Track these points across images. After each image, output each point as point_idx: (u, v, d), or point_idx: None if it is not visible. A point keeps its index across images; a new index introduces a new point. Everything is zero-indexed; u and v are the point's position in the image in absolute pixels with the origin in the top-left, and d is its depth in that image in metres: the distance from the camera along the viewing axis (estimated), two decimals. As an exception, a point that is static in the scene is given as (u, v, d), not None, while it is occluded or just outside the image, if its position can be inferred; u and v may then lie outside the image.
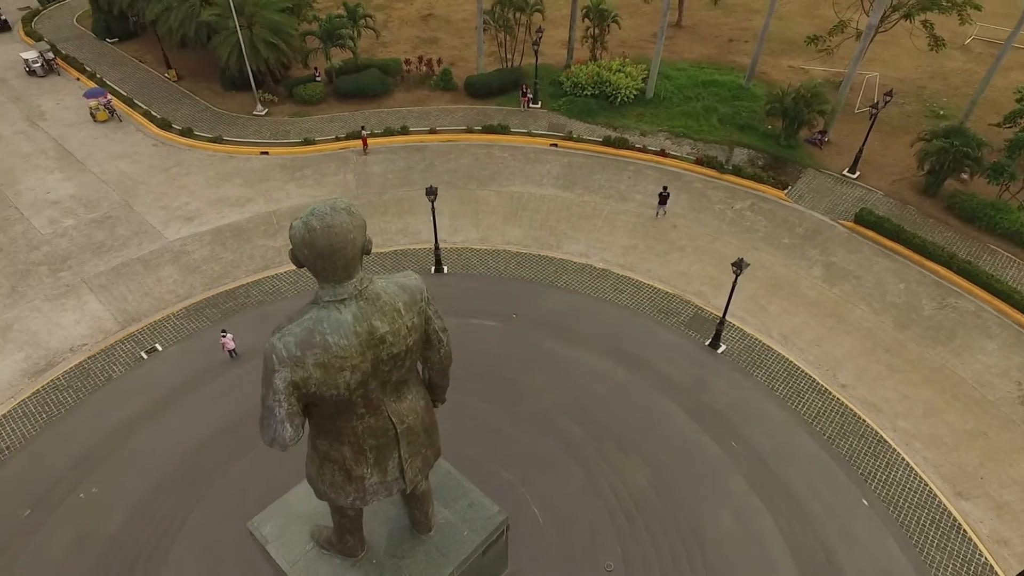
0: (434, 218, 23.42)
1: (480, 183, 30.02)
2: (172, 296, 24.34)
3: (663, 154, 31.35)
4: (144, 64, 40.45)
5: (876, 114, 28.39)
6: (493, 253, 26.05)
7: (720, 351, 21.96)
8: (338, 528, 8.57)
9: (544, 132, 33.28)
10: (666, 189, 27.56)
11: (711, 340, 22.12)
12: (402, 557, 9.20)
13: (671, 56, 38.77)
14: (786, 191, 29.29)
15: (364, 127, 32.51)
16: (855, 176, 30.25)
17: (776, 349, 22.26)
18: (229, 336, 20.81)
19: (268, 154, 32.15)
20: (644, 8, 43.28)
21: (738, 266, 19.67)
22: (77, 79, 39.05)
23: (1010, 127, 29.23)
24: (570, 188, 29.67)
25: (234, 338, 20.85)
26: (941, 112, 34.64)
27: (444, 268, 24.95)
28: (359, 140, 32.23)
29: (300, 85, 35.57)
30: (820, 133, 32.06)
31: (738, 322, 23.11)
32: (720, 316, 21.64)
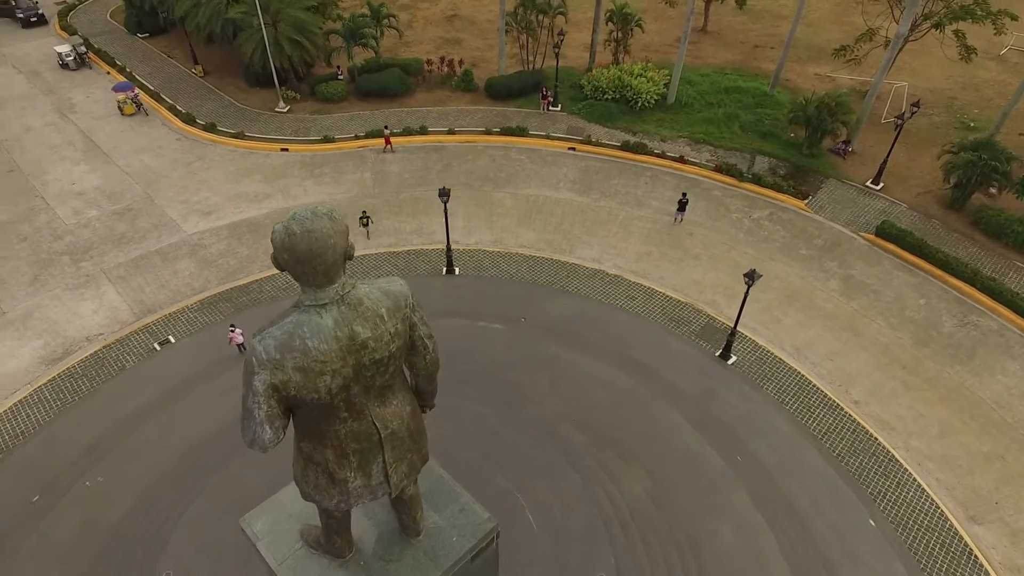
0: (446, 219, 23.44)
1: (496, 185, 29.99)
2: (187, 289, 24.71)
3: (682, 160, 31.01)
4: (172, 59, 41.14)
5: (902, 125, 27.75)
6: (505, 256, 25.99)
7: (730, 362, 21.63)
8: (326, 529, 8.60)
9: (563, 135, 33.14)
10: (685, 195, 27.26)
11: (722, 351, 21.80)
12: (390, 560, 9.18)
13: (695, 61, 38.34)
14: (806, 201, 28.78)
15: (387, 126, 32.68)
16: (879, 188, 29.60)
17: (788, 362, 21.86)
18: (238, 331, 21.06)
19: (288, 151, 32.47)
20: (669, 12, 42.91)
21: (750, 277, 19.36)
22: (107, 73, 39.84)
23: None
24: (586, 192, 29.50)
25: (243, 333, 21.08)
26: (972, 124, 33.76)
27: (456, 269, 24.95)
28: (378, 139, 32.37)
29: (322, 83, 35.90)
30: (844, 143, 31.45)
31: (750, 333, 22.75)
32: (732, 327, 21.34)
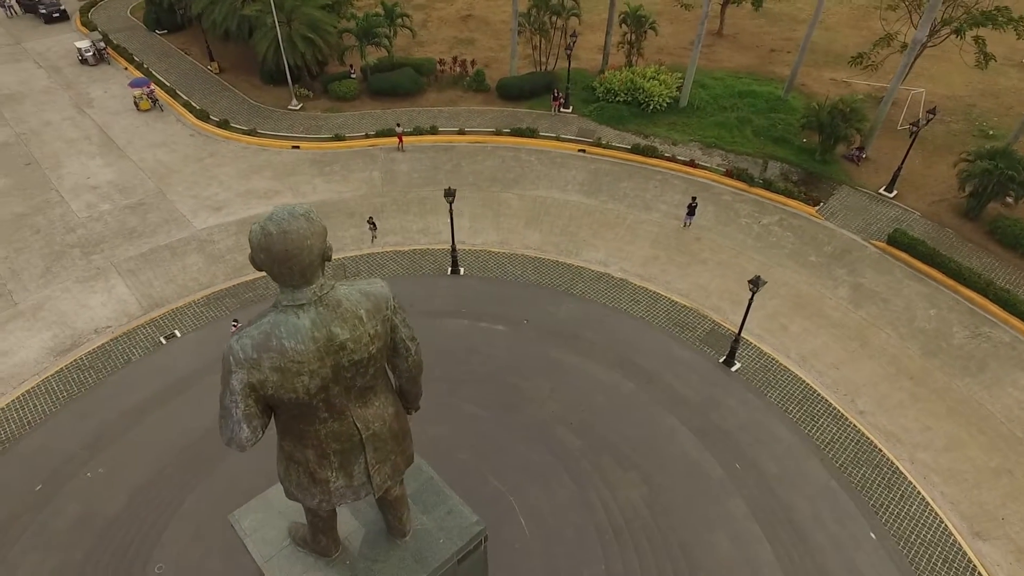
0: (451, 220, 23.44)
1: (504, 186, 29.95)
2: (195, 284, 24.92)
3: (692, 164, 30.77)
4: (189, 56, 41.59)
5: (917, 132, 27.31)
6: (511, 257, 25.94)
7: (734, 369, 21.41)
8: (311, 527, 8.63)
9: (573, 137, 33.02)
10: (695, 200, 27.05)
11: (726, 357, 21.58)
12: (375, 560, 9.19)
13: (709, 65, 38.05)
14: (817, 208, 28.43)
15: (399, 124, 32.77)
16: (892, 195, 29.16)
17: (793, 370, 21.58)
18: (240, 326, 21.18)
19: (299, 148, 32.67)
20: (685, 15, 42.66)
21: (755, 283, 19.13)
22: (125, 68, 40.38)
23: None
24: (594, 195, 29.37)
25: (246, 328, 21.20)
26: (990, 132, 33.18)
27: (460, 270, 24.94)
28: (388, 138, 32.48)
29: (335, 81, 36.10)
30: (858, 149, 31.04)
31: (756, 340, 22.51)
32: (736, 333, 21.13)
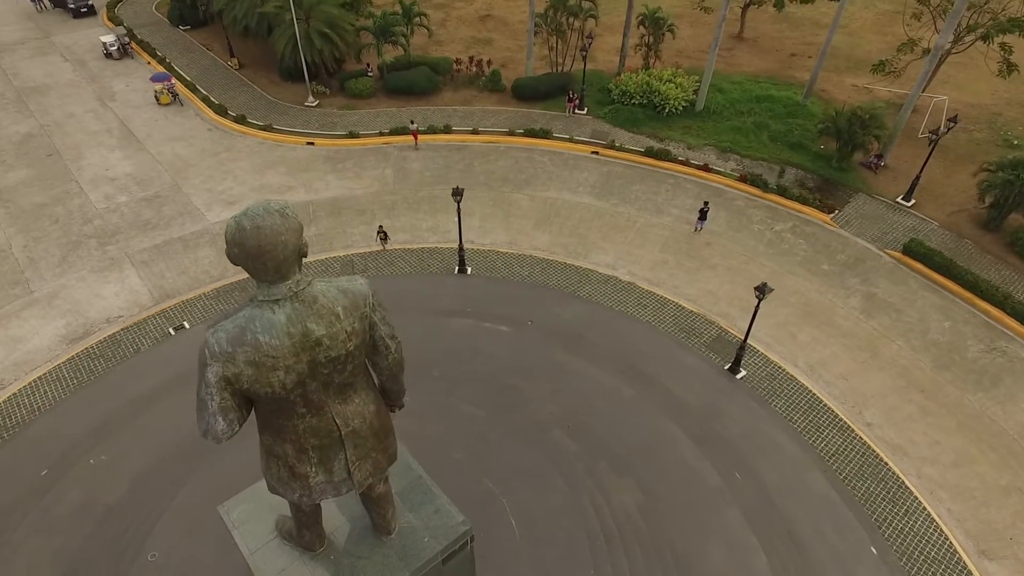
0: (459, 219, 23.44)
1: (515, 186, 29.91)
2: (206, 276, 25.22)
3: (706, 169, 30.48)
4: (210, 52, 42.17)
5: (936, 140, 26.79)
6: (519, 257, 25.89)
7: (739, 376, 21.13)
8: (296, 522, 8.70)
9: (587, 139, 32.89)
10: (707, 204, 26.79)
11: (731, 364, 21.34)
12: (359, 557, 9.22)
13: (728, 68, 37.68)
14: (832, 215, 27.98)
15: (413, 121, 32.91)
16: (910, 204, 28.62)
17: (800, 379, 21.25)
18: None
19: (314, 145, 32.93)
20: (705, 18, 42.28)
21: (761, 290, 18.87)
22: (148, 63, 41.06)
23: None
24: (606, 197, 29.21)
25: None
26: (1015, 142, 32.41)
27: (468, 269, 24.95)
28: (402, 136, 32.62)
29: (352, 79, 36.34)
30: (876, 157, 30.51)
31: (763, 348, 22.21)
32: (742, 340, 20.88)
